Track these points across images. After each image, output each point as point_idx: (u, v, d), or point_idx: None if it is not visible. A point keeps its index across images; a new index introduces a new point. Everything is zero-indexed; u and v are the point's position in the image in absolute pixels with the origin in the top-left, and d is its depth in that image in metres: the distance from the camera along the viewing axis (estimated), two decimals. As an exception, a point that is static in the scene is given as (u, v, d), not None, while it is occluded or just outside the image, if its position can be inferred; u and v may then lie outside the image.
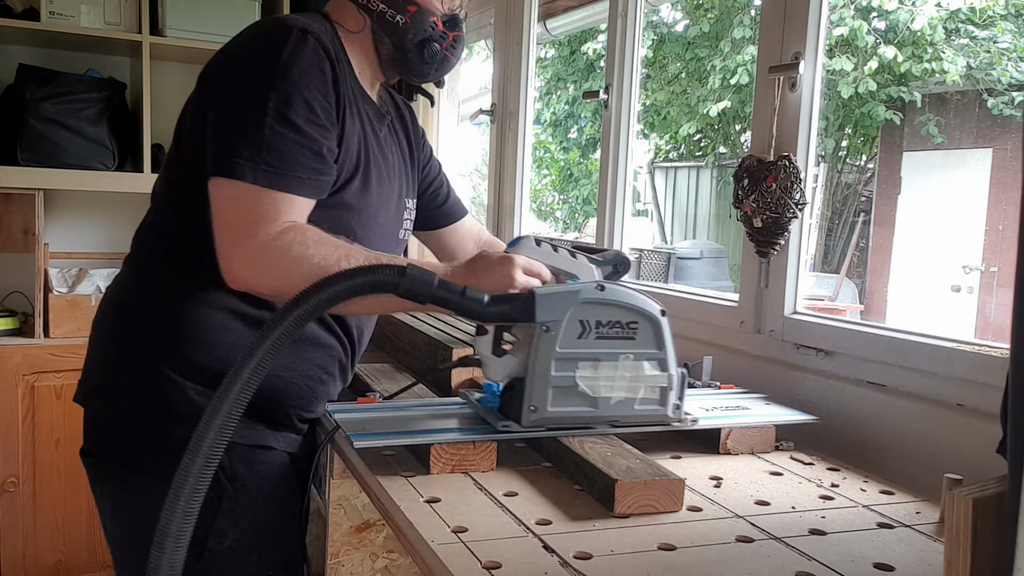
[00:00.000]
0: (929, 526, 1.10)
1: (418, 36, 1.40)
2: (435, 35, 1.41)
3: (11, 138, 2.73)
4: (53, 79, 2.78)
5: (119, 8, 2.81)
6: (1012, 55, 8.37)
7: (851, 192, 10.89)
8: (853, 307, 8.34)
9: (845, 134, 10.43)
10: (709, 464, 1.32)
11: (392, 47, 1.41)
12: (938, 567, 0.96)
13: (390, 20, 1.39)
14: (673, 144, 12.35)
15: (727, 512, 1.11)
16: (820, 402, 1.53)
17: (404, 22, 1.39)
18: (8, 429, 2.71)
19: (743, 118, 10.36)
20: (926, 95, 8.91)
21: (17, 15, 2.76)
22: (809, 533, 1.05)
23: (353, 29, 1.40)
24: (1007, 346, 1.12)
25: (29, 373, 2.72)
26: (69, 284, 2.93)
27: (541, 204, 13.95)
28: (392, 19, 1.39)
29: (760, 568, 0.94)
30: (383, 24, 1.39)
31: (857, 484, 1.25)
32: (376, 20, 1.40)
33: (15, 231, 2.94)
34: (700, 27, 10.24)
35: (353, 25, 1.40)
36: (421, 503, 1.09)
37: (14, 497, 2.73)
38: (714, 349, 1.80)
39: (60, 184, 2.82)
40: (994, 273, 8.04)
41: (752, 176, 1.69)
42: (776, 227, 1.65)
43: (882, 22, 8.88)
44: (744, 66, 9.23)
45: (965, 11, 8.57)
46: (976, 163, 8.36)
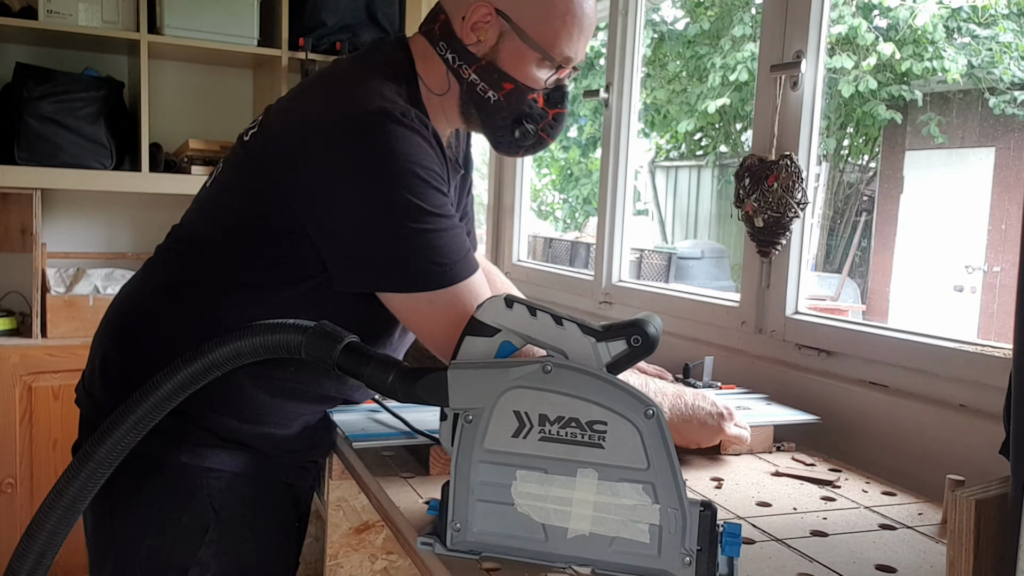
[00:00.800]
0: (931, 527, 1.09)
1: (512, 115, 1.25)
2: (532, 115, 1.26)
3: (8, 137, 2.72)
4: (51, 78, 2.77)
5: (117, 6, 2.80)
6: (1014, 53, 8.36)
7: (853, 191, 10.88)
8: (855, 307, 8.33)
9: (847, 133, 10.43)
10: (710, 465, 1.31)
11: (480, 122, 1.28)
12: (940, 568, 0.95)
13: (481, 95, 1.24)
14: (674, 143, 12.34)
15: (728, 513, 1.11)
16: (822, 403, 1.52)
17: (497, 99, 1.24)
18: (5, 430, 2.70)
19: (744, 116, 10.36)
20: (928, 94, 8.90)
21: (15, 13, 2.75)
22: (811, 534, 1.04)
23: (436, 91, 1.26)
24: (1010, 347, 1.12)
25: (26, 373, 2.71)
26: (67, 284, 2.93)
27: (541, 204, 13.94)
28: (483, 94, 1.24)
29: (762, 569, 0.93)
30: (474, 97, 1.24)
31: (859, 485, 1.25)
32: (466, 91, 1.24)
33: (12, 231, 2.93)
34: (700, 25, 10.24)
35: (437, 86, 1.26)
36: (420, 504, 1.09)
37: (11, 498, 2.72)
38: (715, 349, 1.79)
39: (58, 183, 2.81)
40: (997, 273, 8.03)
41: (753, 175, 1.68)
42: (778, 227, 1.64)
43: (883, 20, 8.87)
44: (744, 63, 9.22)
45: (967, 9, 8.56)
46: (978, 162, 8.36)
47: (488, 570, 0.89)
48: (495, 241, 2.95)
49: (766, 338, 1.70)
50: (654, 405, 0.84)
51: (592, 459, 0.85)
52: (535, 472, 0.86)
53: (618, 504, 0.85)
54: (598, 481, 0.85)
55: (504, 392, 0.86)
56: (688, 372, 1.68)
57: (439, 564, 0.91)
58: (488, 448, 0.87)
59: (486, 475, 0.87)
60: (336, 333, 0.90)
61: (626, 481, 0.84)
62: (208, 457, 1.25)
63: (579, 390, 0.84)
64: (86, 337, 1.46)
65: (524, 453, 0.86)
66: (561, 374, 0.85)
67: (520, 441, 0.86)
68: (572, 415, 0.85)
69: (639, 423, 0.84)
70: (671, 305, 2.00)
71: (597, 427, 0.84)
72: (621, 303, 2.21)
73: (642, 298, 2.13)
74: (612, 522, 0.85)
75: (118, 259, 3.17)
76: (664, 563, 0.84)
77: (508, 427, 0.86)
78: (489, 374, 0.87)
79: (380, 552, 1.47)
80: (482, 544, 0.89)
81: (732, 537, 0.85)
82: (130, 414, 0.90)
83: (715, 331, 1.84)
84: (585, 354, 0.87)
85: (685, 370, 1.69)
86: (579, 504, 0.86)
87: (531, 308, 0.90)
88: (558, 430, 0.85)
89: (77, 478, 0.91)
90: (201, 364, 0.89)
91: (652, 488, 0.84)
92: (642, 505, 0.84)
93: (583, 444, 0.85)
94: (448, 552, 0.90)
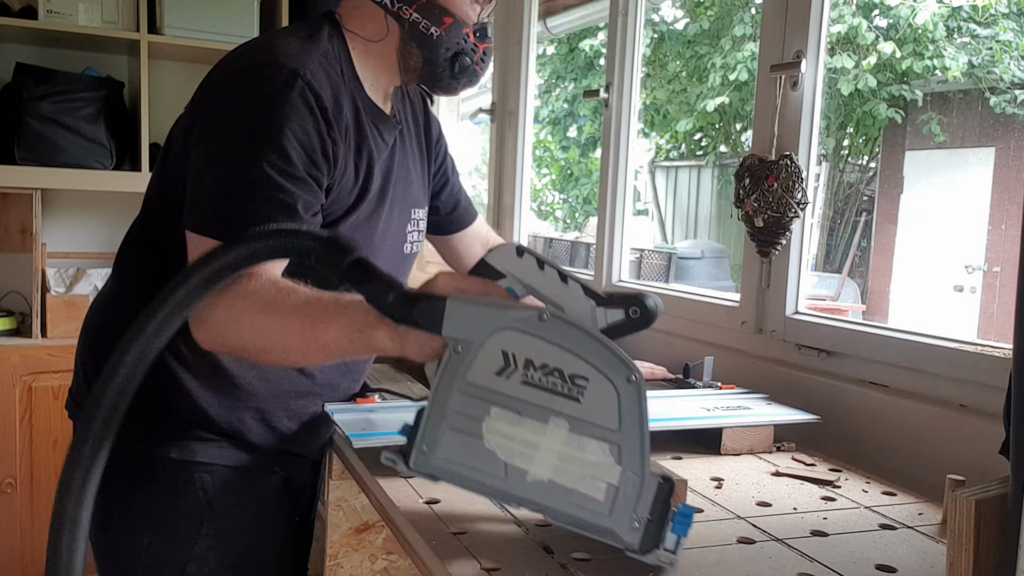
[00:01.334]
0: (931, 527, 1.09)
1: (451, 50, 1.31)
2: (467, 48, 1.32)
3: (9, 137, 2.72)
4: (51, 78, 2.78)
5: (117, 7, 2.80)
6: (1014, 53, 8.36)
7: (853, 191, 10.88)
8: (855, 307, 8.33)
9: (847, 133, 10.43)
10: (710, 465, 1.31)
11: (422, 60, 1.32)
12: (940, 568, 0.95)
13: (423, 31, 1.29)
14: (674, 143, 12.35)
15: (728, 513, 1.11)
16: (822, 403, 1.52)
17: (439, 34, 1.30)
18: (5, 430, 2.70)
19: (743, 116, 10.36)
20: (928, 93, 8.91)
21: (15, 13, 2.76)
22: (811, 534, 1.04)
23: (373, 38, 1.31)
24: (1010, 346, 1.12)
25: (26, 373, 2.71)
26: (67, 284, 2.93)
27: (541, 203, 13.94)
28: (426, 31, 1.29)
29: (761, 569, 0.93)
30: (415, 35, 1.30)
31: (859, 485, 1.25)
32: (408, 31, 1.30)
33: (12, 231, 2.94)
34: (700, 25, 10.24)
35: (374, 33, 1.31)
36: (421, 504, 1.09)
37: (11, 498, 2.72)
38: (715, 349, 1.79)
39: (58, 183, 2.81)
40: (997, 273, 8.03)
41: (753, 175, 1.68)
42: (777, 227, 1.64)
43: (883, 19, 8.88)
44: (744, 63, 9.23)
45: (967, 9, 8.56)
46: (979, 162, 8.36)
47: (488, 570, 0.90)
48: (495, 241, 2.95)
49: (766, 338, 1.70)
50: (637, 371, 0.85)
51: (566, 410, 0.86)
52: (509, 412, 0.87)
53: (582, 458, 0.86)
54: (567, 432, 0.86)
55: (497, 331, 0.87)
56: (688, 372, 1.68)
57: (439, 563, 0.91)
58: (470, 381, 0.88)
59: (462, 406, 0.88)
60: (348, 245, 0.90)
61: (594, 438, 0.85)
62: (197, 451, 1.26)
63: (569, 343, 0.85)
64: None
65: (503, 392, 0.87)
66: (556, 325, 0.86)
67: (502, 380, 0.87)
68: (557, 365, 0.86)
69: (619, 385, 0.84)
70: (671, 305, 2.00)
71: (578, 381, 0.85)
72: (621, 303, 2.21)
73: (642, 298, 2.13)
74: (572, 474, 0.86)
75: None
76: (613, 523, 0.86)
77: (493, 365, 0.87)
78: (487, 311, 0.88)
79: (380, 552, 1.47)
80: (443, 470, 0.89)
81: (684, 517, 0.86)
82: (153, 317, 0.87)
83: (715, 331, 1.84)
84: (583, 314, 0.89)
85: (685, 370, 1.69)
86: (544, 451, 0.86)
87: (540, 261, 0.92)
88: (540, 377, 0.86)
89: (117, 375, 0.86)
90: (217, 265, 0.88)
91: (618, 449, 0.85)
92: (604, 464, 0.85)
93: (561, 395, 0.86)
94: (409, 471, 0.90)
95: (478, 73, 1.37)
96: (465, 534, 0.99)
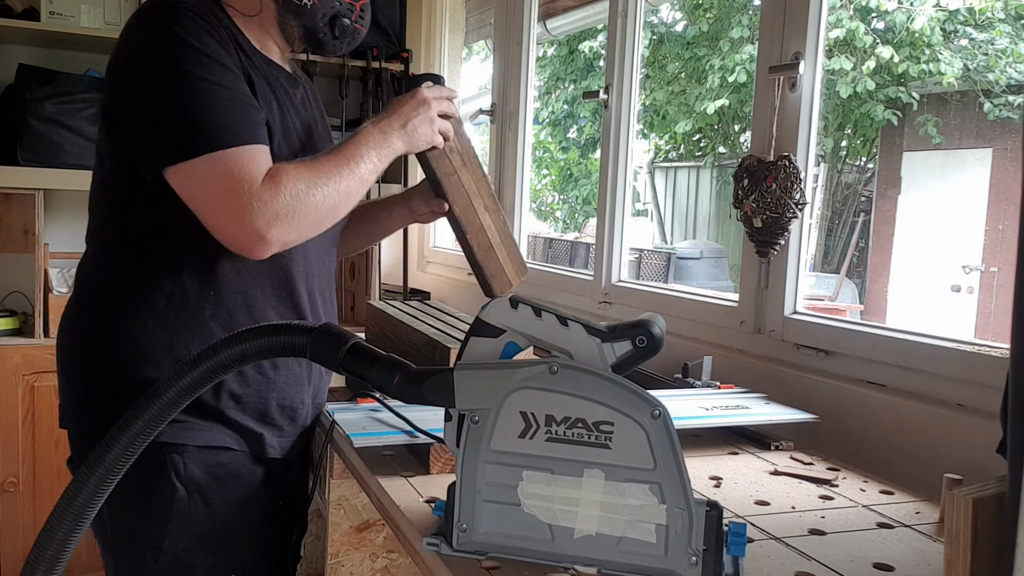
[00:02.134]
0: (929, 526, 1.10)
1: (327, 14, 1.37)
2: (343, 9, 1.38)
3: (11, 138, 2.72)
4: (53, 79, 2.78)
5: (119, 8, 2.81)
6: (1009, 58, 8.37)
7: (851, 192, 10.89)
8: (853, 307, 8.34)
9: (845, 134, 10.44)
10: (709, 464, 1.32)
11: (302, 29, 1.37)
12: (938, 567, 0.96)
13: (296, 3, 1.34)
14: (673, 144, 12.35)
15: (727, 512, 1.11)
16: (820, 402, 1.53)
17: (311, 4, 1.35)
18: (8, 429, 2.71)
19: (742, 117, 10.37)
20: (924, 96, 8.91)
21: (17, 15, 2.76)
22: (809, 533, 1.05)
23: (249, 12, 1.33)
24: (1007, 346, 1.12)
25: (29, 373, 2.72)
26: (69, 284, 2.93)
27: (541, 204, 13.94)
28: (299, 2, 1.34)
29: (760, 568, 0.94)
30: (289, 7, 1.34)
31: (857, 484, 1.25)
32: (282, 4, 1.34)
33: (15, 231, 2.94)
34: (699, 27, 10.24)
35: (249, 8, 1.33)
36: (421, 503, 1.09)
37: (14, 497, 2.73)
38: (714, 349, 1.80)
39: (60, 184, 2.82)
40: (994, 273, 8.03)
41: (752, 176, 1.69)
42: (776, 227, 1.65)
43: (880, 22, 8.88)
44: (742, 64, 9.23)
45: (963, 12, 8.57)
46: (976, 163, 8.36)
47: (488, 568, 0.90)
48: (495, 242, 2.95)
49: (764, 338, 1.71)
50: (660, 406, 0.83)
51: (599, 459, 0.84)
52: (541, 472, 0.86)
53: (625, 504, 0.84)
54: (605, 481, 0.84)
55: (511, 393, 0.86)
56: (687, 371, 1.69)
57: (439, 563, 0.92)
58: (495, 449, 0.86)
59: (492, 476, 0.87)
60: (341, 334, 0.89)
61: (632, 481, 0.84)
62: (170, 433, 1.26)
63: (585, 390, 0.84)
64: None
65: (531, 454, 0.86)
66: (567, 374, 0.84)
67: (527, 442, 0.86)
68: (578, 416, 0.84)
69: (645, 423, 0.83)
70: (670, 305, 2.00)
71: (604, 427, 0.84)
72: (621, 303, 2.22)
73: (641, 298, 2.14)
74: (618, 522, 0.84)
75: (119, 259, 3.17)
76: (671, 563, 0.84)
77: (515, 428, 0.86)
78: (496, 375, 0.86)
79: (381, 551, 1.47)
80: (488, 544, 0.88)
81: (738, 537, 0.85)
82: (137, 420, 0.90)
83: (714, 331, 1.84)
84: (590, 355, 0.86)
85: (684, 369, 1.69)
86: (586, 504, 0.85)
87: (536, 309, 0.89)
88: (564, 431, 0.85)
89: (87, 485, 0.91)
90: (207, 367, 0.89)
91: (659, 488, 0.83)
92: (649, 505, 0.84)
93: (590, 444, 0.84)
94: (454, 553, 0.89)
95: (359, 31, 1.43)
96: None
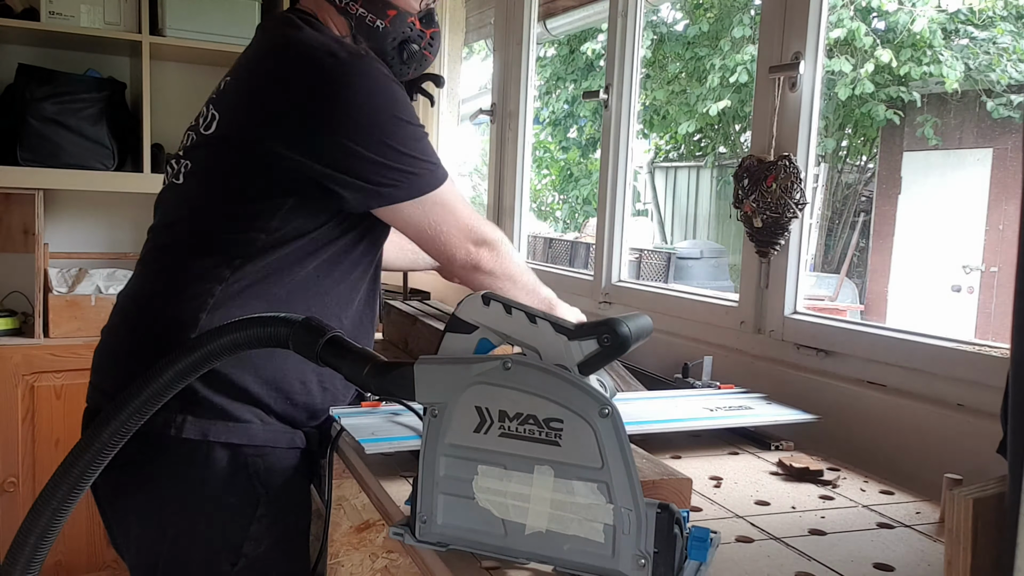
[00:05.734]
0: (929, 526, 1.10)
1: (397, 39, 1.40)
2: (413, 35, 1.41)
3: (11, 138, 2.73)
4: (53, 79, 2.78)
5: (119, 8, 2.81)
6: (1012, 56, 8.37)
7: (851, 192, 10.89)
8: (853, 307, 8.35)
9: (845, 134, 10.44)
10: (709, 464, 1.32)
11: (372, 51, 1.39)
12: (938, 567, 0.96)
13: (370, 25, 1.38)
14: (673, 144, 12.36)
15: (727, 512, 1.11)
16: (820, 402, 1.53)
17: (384, 26, 1.39)
18: (8, 429, 2.71)
19: (743, 117, 10.37)
20: (925, 95, 8.91)
21: (17, 15, 2.76)
22: (809, 533, 1.05)
23: (343, 34, 1.39)
24: (1007, 346, 1.12)
25: (29, 373, 2.72)
26: (69, 284, 2.93)
27: (541, 204, 13.95)
28: (372, 24, 1.38)
29: (760, 568, 0.94)
30: (362, 29, 1.38)
31: (857, 484, 1.25)
32: (355, 25, 1.38)
33: (15, 231, 2.94)
34: (700, 27, 10.25)
35: (342, 30, 1.39)
36: (421, 503, 1.09)
37: (14, 497, 2.73)
38: (714, 349, 1.80)
39: (60, 184, 2.82)
40: (994, 273, 8.03)
41: (752, 176, 1.69)
42: (776, 227, 1.65)
43: (881, 22, 8.88)
44: (744, 65, 9.23)
45: (964, 11, 8.57)
46: (976, 163, 8.37)
47: (489, 569, 0.90)
48: (495, 241, 2.95)
49: (765, 338, 1.71)
50: (610, 404, 0.83)
51: (548, 456, 0.85)
52: (495, 468, 0.86)
53: (573, 502, 0.84)
54: (554, 479, 0.85)
55: (467, 388, 0.87)
56: (687, 371, 1.69)
57: (439, 563, 0.92)
58: (451, 443, 0.88)
59: (449, 469, 0.88)
60: (320, 327, 0.92)
61: (581, 480, 0.84)
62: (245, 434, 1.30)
63: (537, 387, 0.84)
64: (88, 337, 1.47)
65: (485, 448, 0.87)
66: (521, 371, 0.85)
67: (481, 436, 0.87)
68: (530, 412, 0.85)
69: (594, 421, 0.83)
70: (670, 305, 2.00)
71: (553, 424, 0.84)
72: (620, 303, 2.22)
73: (641, 298, 2.14)
74: (568, 520, 0.85)
75: (120, 259, 3.18)
76: (618, 564, 0.83)
77: (470, 422, 0.87)
78: (452, 369, 0.88)
79: (381, 551, 1.47)
80: (448, 536, 0.90)
81: (699, 542, 0.84)
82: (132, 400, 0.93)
83: (714, 331, 1.84)
84: (558, 352, 0.86)
85: (684, 369, 1.69)
86: (536, 501, 0.85)
87: (507, 306, 0.90)
88: (517, 426, 0.85)
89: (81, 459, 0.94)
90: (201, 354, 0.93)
91: (606, 487, 0.83)
92: (596, 504, 0.83)
93: (540, 441, 0.85)
94: (416, 543, 0.91)
95: (427, 57, 1.46)
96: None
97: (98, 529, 2.79)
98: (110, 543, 1.44)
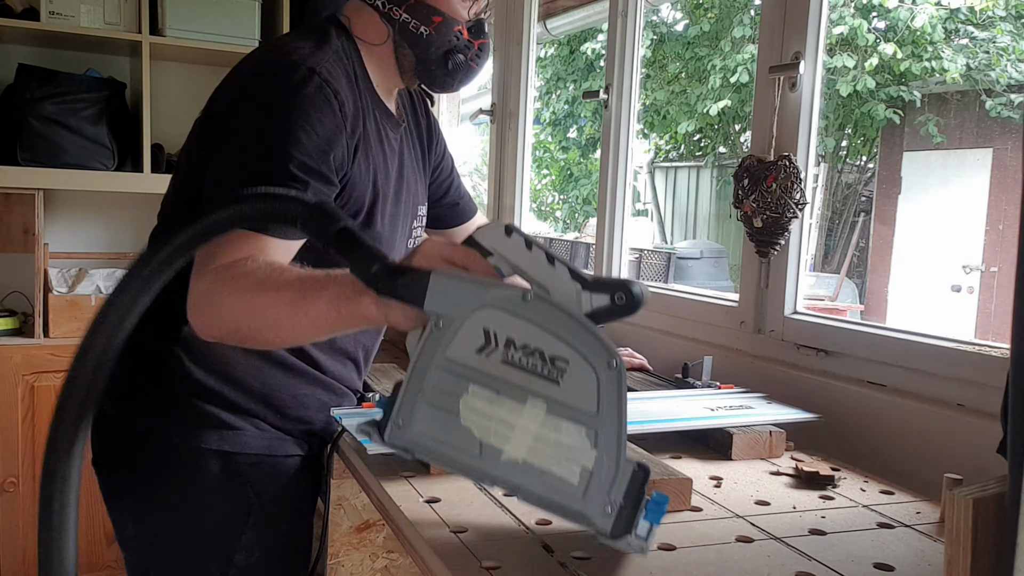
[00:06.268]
0: (929, 526, 1.10)
1: (442, 48, 1.33)
2: (460, 45, 1.34)
3: (11, 138, 2.72)
4: (53, 79, 2.78)
5: (119, 8, 2.81)
6: (1011, 56, 8.37)
7: (851, 192, 10.90)
8: (853, 307, 8.34)
9: (845, 134, 10.44)
10: (709, 464, 1.31)
11: (414, 59, 1.34)
12: (938, 567, 0.96)
13: (413, 31, 1.32)
14: (673, 144, 12.36)
15: (727, 512, 1.11)
16: (820, 402, 1.53)
17: (428, 33, 1.32)
18: (8, 429, 2.71)
19: (743, 117, 10.37)
20: (926, 95, 8.91)
21: (17, 15, 2.76)
22: (809, 533, 1.05)
23: (375, 41, 1.33)
24: (1007, 346, 1.12)
25: (29, 373, 2.72)
26: (69, 284, 2.93)
27: (541, 204, 13.95)
28: (415, 30, 1.32)
29: (760, 568, 0.94)
30: (405, 35, 1.32)
31: (857, 484, 1.25)
32: (398, 31, 1.32)
33: (15, 231, 2.94)
34: (700, 27, 10.25)
35: (375, 37, 1.34)
36: (421, 503, 1.09)
37: (14, 497, 2.73)
38: (714, 349, 1.80)
39: (60, 184, 2.82)
40: (994, 273, 8.04)
41: (752, 176, 1.69)
42: (776, 227, 1.65)
43: (882, 21, 8.88)
44: (744, 65, 9.23)
45: (964, 11, 8.58)
46: (976, 163, 8.37)
47: (488, 569, 0.90)
48: (495, 241, 2.95)
49: (765, 338, 1.71)
50: (618, 357, 0.84)
51: (545, 392, 0.84)
52: (487, 391, 0.85)
53: (558, 440, 0.84)
54: (545, 414, 0.84)
55: (480, 308, 0.86)
56: (687, 372, 1.69)
57: (439, 563, 0.92)
58: (450, 357, 0.86)
59: (440, 381, 0.87)
60: (336, 214, 0.89)
61: (571, 421, 0.84)
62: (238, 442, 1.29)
63: (551, 325, 0.84)
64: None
65: (483, 370, 0.86)
66: (539, 306, 0.84)
67: (482, 358, 0.85)
68: (538, 346, 0.84)
69: (600, 370, 0.83)
70: (670, 305, 2.00)
71: (559, 363, 0.84)
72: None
73: (642, 298, 2.13)
74: (547, 456, 0.85)
75: (120, 259, 3.17)
76: (585, 507, 0.84)
77: (474, 342, 0.86)
78: (470, 288, 0.87)
79: (381, 551, 1.47)
80: (418, 445, 0.88)
81: (657, 505, 0.85)
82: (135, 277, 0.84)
83: (714, 331, 1.84)
84: (568, 297, 0.87)
85: (684, 369, 1.69)
86: (521, 431, 0.85)
87: (528, 241, 0.90)
88: (521, 357, 0.85)
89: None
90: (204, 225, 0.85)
91: (595, 434, 0.83)
92: (580, 447, 0.84)
93: (540, 376, 0.84)
94: (383, 445, 0.90)
95: (473, 69, 1.38)
96: (465, 532, 1.00)
97: (98, 529, 2.79)
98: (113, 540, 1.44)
